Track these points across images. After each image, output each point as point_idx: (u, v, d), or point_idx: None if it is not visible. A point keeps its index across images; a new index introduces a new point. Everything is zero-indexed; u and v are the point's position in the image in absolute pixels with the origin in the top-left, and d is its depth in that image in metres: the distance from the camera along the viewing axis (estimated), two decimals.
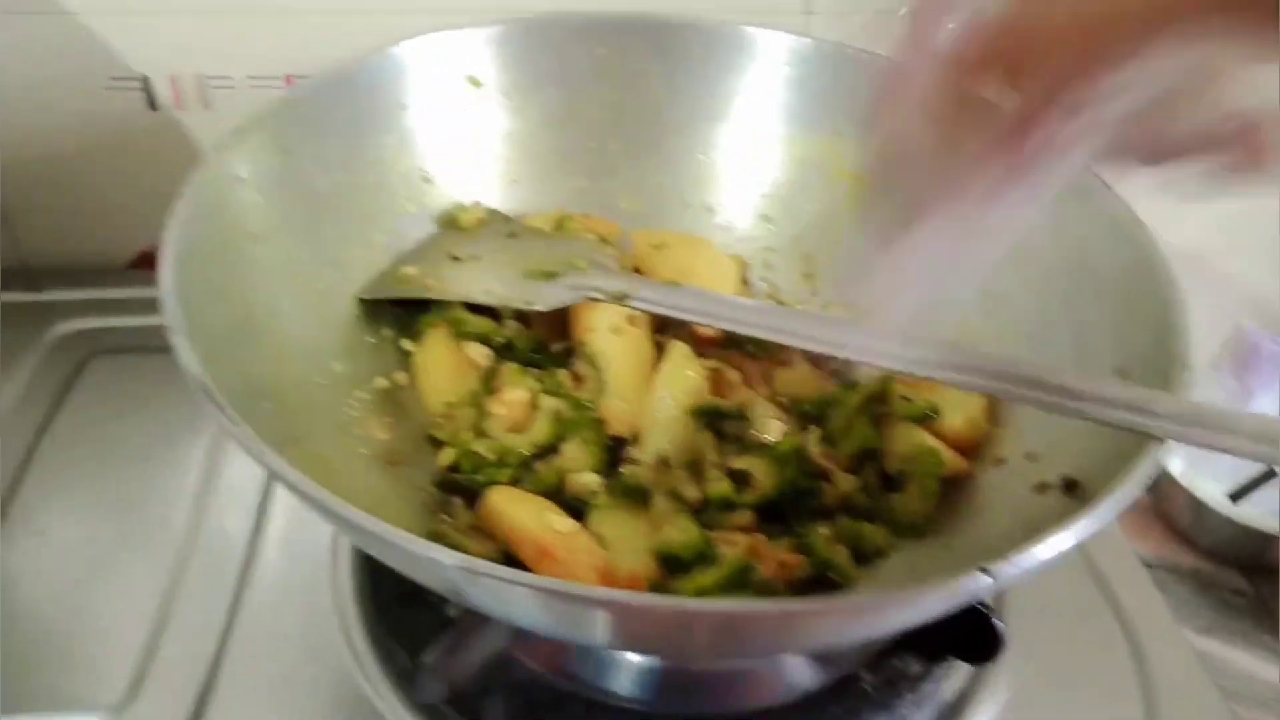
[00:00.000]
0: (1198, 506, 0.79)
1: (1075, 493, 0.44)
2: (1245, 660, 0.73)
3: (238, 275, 0.49)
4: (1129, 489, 0.38)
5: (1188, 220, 0.83)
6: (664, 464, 0.51)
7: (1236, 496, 0.80)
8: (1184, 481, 0.80)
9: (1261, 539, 0.77)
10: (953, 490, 0.52)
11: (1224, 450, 0.39)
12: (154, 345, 0.70)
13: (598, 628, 0.37)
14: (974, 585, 0.34)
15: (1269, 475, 0.78)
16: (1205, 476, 0.78)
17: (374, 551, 0.39)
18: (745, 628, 0.35)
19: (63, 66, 0.70)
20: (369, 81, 0.58)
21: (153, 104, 0.72)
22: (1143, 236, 0.51)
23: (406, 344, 0.58)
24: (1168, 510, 0.82)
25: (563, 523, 0.47)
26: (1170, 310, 0.47)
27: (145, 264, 0.79)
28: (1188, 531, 0.81)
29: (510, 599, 0.36)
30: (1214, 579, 0.79)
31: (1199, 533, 0.80)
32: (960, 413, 0.53)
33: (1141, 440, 0.41)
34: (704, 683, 0.53)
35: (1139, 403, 0.41)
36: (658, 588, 0.46)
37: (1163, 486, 0.82)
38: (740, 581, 0.45)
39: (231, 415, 0.38)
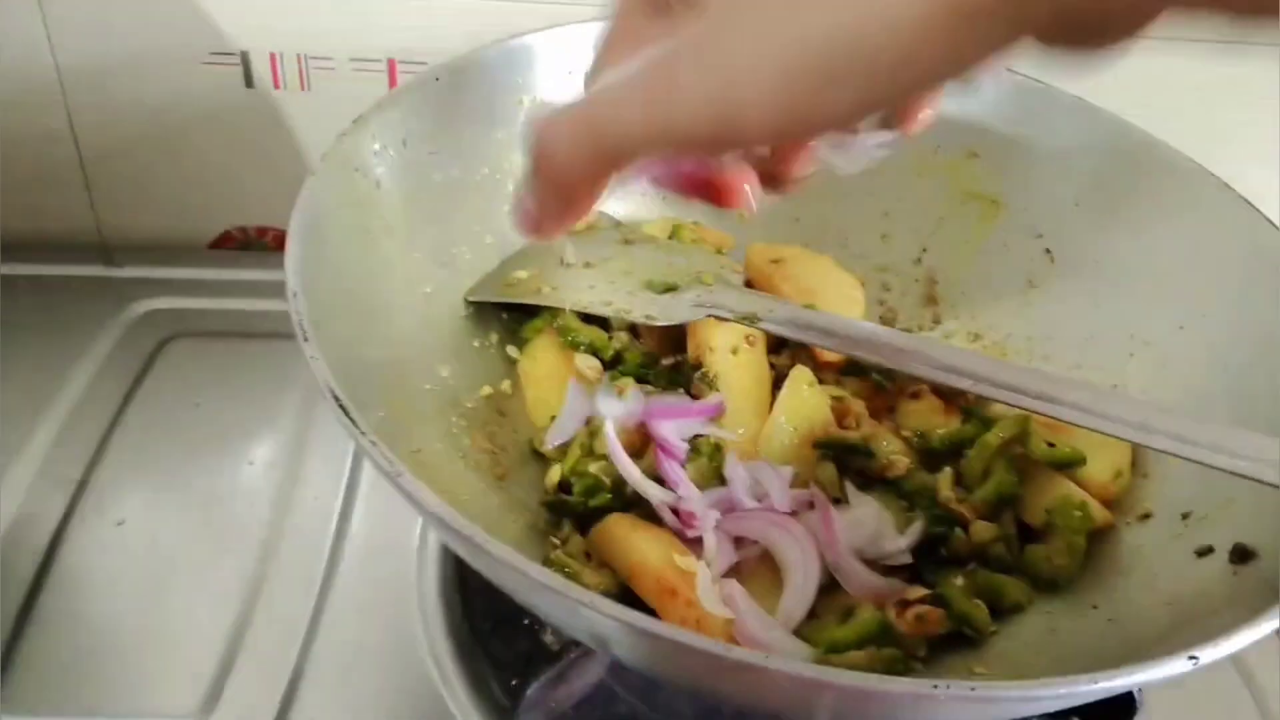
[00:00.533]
0: None
1: (1249, 562, 0.41)
2: None
3: (356, 273, 0.46)
4: None
5: None
6: None
7: None
8: None
9: None
10: (1097, 548, 0.48)
11: None
12: (234, 330, 0.71)
13: (735, 689, 0.34)
14: (1178, 668, 0.31)
15: None
16: None
17: (514, 590, 0.36)
18: (915, 708, 0.32)
19: (161, 39, 0.67)
20: (490, 74, 0.55)
21: (249, 82, 0.69)
22: None
23: (512, 351, 0.55)
24: None
25: (688, 561, 0.43)
26: None
27: (227, 244, 0.76)
28: None
29: (658, 655, 0.33)
30: None
31: None
32: (1106, 462, 0.49)
33: None
34: None
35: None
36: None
37: None
38: (881, 636, 0.42)
39: (369, 435, 0.35)
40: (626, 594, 0.45)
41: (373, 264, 0.48)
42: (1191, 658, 0.31)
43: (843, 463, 0.51)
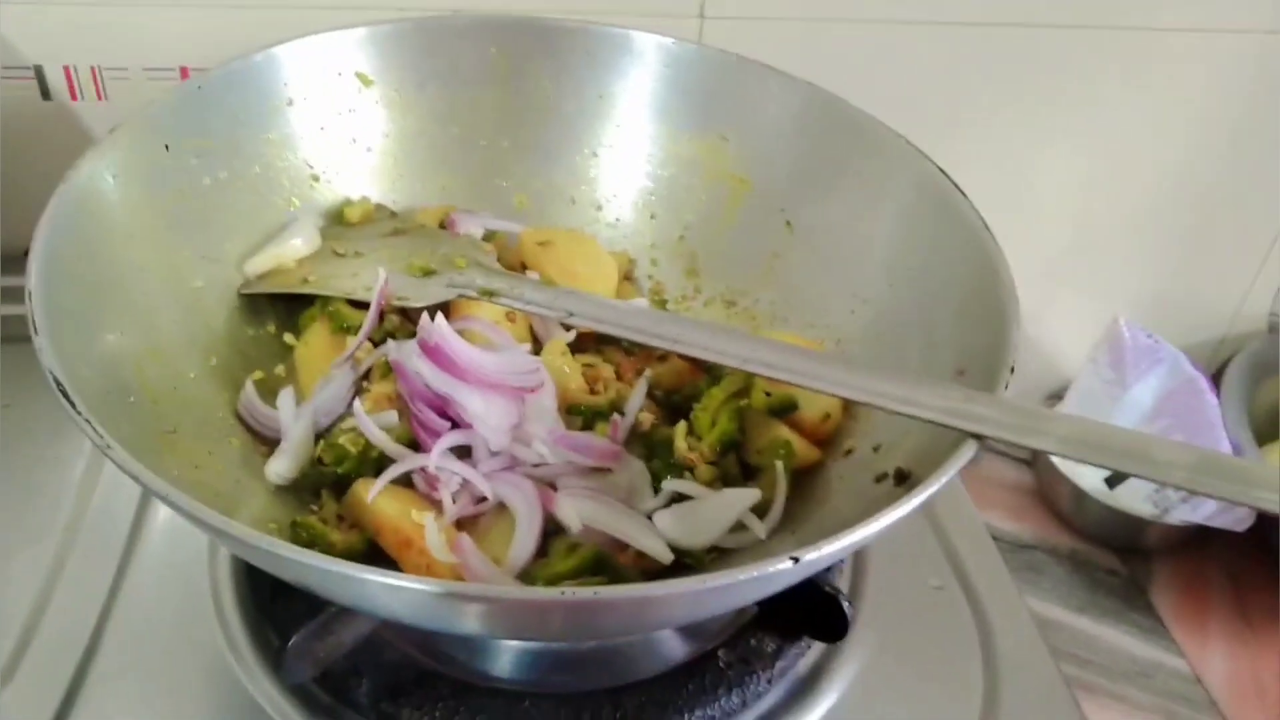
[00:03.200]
0: (1077, 492, 0.83)
1: (905, 483, 0.47)
2: (1115, 636, 0.78)
3: (111, 271, 0.50)
4: (940, 480, 0.41)
5: (1065, 224, 0.88)
6: None
7: (1113, 483, 0.84)
8: (1064, 468, 0.84)
9: (1135, 523, 0.82)
10: (808, 481, 0.55)
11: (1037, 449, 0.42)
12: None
13: (455, 618, 0.39)
14: (782, 571, 0.37)
15: None
16: (1087, 465, 0.83)
17: (232, 549, 0.41)
18: (584, 613, 0.37)
19: None
20: (257, 78, 0.59)
21: (46, 95, 0.72)
22: (989, 246, 0.53)
23: (289, 338, 0.59)
24: (1049, 495, 0.87)
25: (420, 515, 0.48)
26: (1005, 318, 0.49)
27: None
28: (1067, 515, 0.86)
29: (368, 594, 0.38)
30: (1090, 560, 0.84)
31: (1077, 516, 0.85)
32: (817, 406, 0.56)
33: (961, 438, 0.44)
34: (566, 661, 0.55)
35: (960, 406, 0.44)
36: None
37: (1044, 472, 0.87)
38: (596, 568, 0.48)
39: (84, 412, 0.39)
40: (376, 553, 0.50)
41: (131, 265, 0.52)
42: (793, 558, 0.37)
43: (592, 426, 0.56)
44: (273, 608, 0.55)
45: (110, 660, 0.54)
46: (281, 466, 0.52)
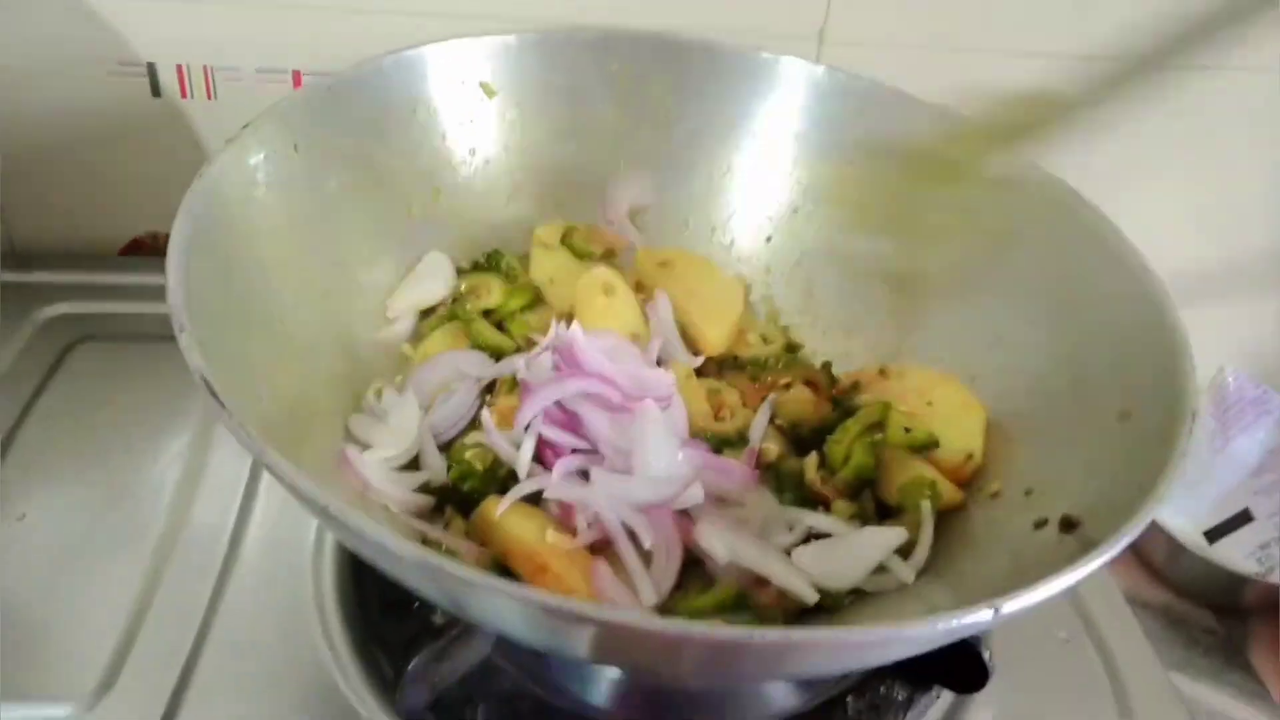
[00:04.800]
0: (1173, 544, 0.80)
1: (1074, 531, 0.45)
2: (1212, 697, 0.74)
3: (243, 270, 0.48)
4: (1134, 529, 0.39)
5: (1173, 265, 0.85)
6: None
7: (1212, 537, 0.81)
8: (1162, 521, 0.81)
9: (1234, 580, 0.78)
10: (949, 523, 0.52)
11: None
12: (142, 333, 0.72)
13: (584, 644, 0.37)
14: (981, 619, 0.35)
15: (1245, 518, 0.80)
16: (1182, 515, 0.80)
17: (375, 560, 0.38)
18: (741, 654, 0.35)
19: (69, 50, 0.69)
20: (385, 83, 0.58)
21: (156, 92, 0.71)
22: (1149, 281, 0.51)
23: (407, 349, 0.58)
24: (1142, 546, 0.84)
25: (559, 538, 0.46)
26: (1175, 357, 0.47)
27: (137, 250, 0.78)
28: (1161, 568, 0.82)
29: (504, 611, 0.36)
30: (1184, 616, 0.80)
31: (1172, 570, 0.82)
32: (960, 445, 0.53)
33: (1143, 482, 0.41)
34: (686, 701, 0.53)
35: None
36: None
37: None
38: (737, 605, 0.45)
39: (234, 413, 0.37)
40: (504, 573, 0.48)
41: (261, 264, 0.50)
42: (993, 607, 0.35)
43: (719, 452, 0.54)
44: (382, 626, 0.53)
45: (211, 674, 0.52)
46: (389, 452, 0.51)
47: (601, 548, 0.48)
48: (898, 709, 0.52)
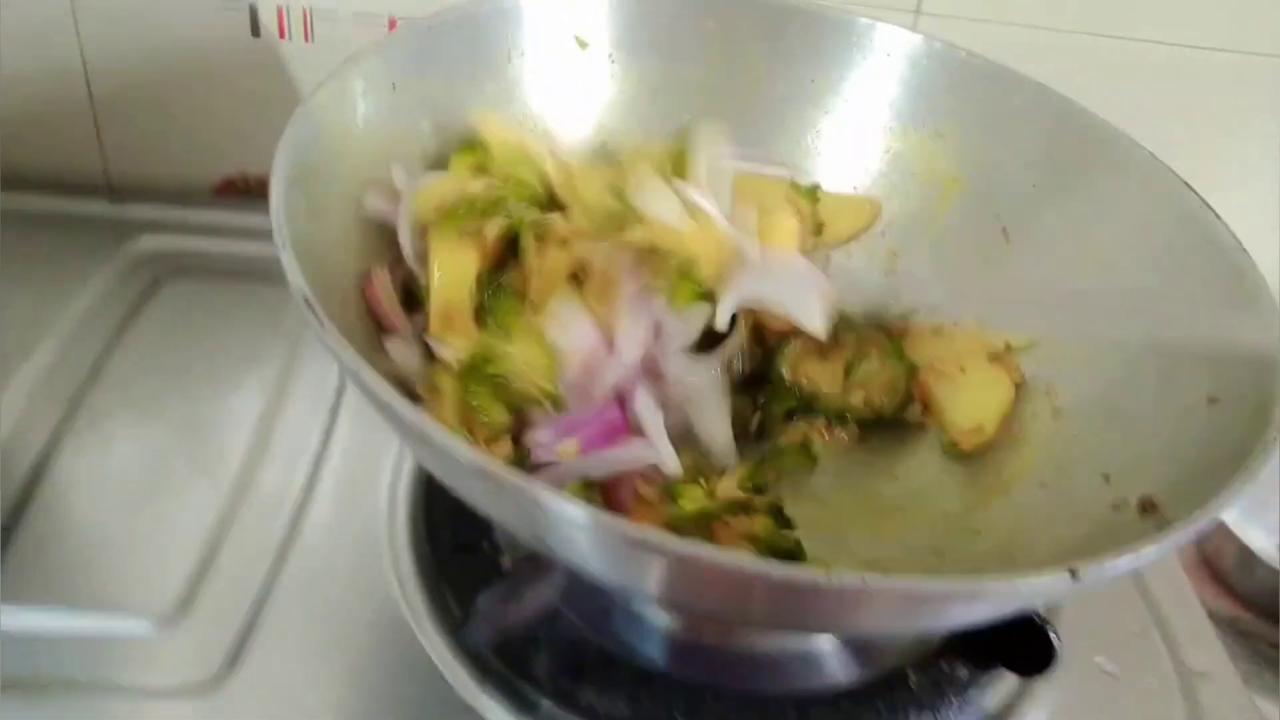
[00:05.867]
0: (1246, 554, 0.78)
1: (1153, 514, 0.44)
2: (1275, 713, 0.72)
3: (339, 203, 0.49)
4: (1215, 511, 0.38)
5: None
6: None
7: None
8: (1235, 528, 0.79)
9: None
10: (1022, 504, 0.51)
11: None
12: (231, 270, 0.74)
13: (652, 577, 0.37)
14: (1059, 582, 0.34)
15: None
16: (1257, 526, 0.78)
17: (455, 480, 0.39)
18: (812, 598, 0.35)
19: None
20: (480, 29, 0.58)
21: (255, 31, 0.72)
22: (1246, 268, 0.50)
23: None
24: (1213, 555, 0.82)
25: None
26: (1269, 341, 0.46)
27: (229, 189, 0.79)
28: (1231, 579, 0.80)
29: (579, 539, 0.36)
30: (1252, 629, 0.78)
31: (1242, 581, 0.79)
32: (972, 415, 0.56)
33: (1227, 468, 0.40)
34: (745, 666, 0.53)
35: None
36: None
37: (1212, 531, 0.81)
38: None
39: (332, 331, 0.38)
40: None
41: (355, 191, 0.51)
42: (1071, 570, 0.34)
43: None
44: (451, 566, 0.54)
45: (283, 603, 0.53)
46: None
47: None
48: (961, 687, 0.52)
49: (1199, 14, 0.71)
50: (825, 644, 0.53)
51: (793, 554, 0.48)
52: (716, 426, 0.53)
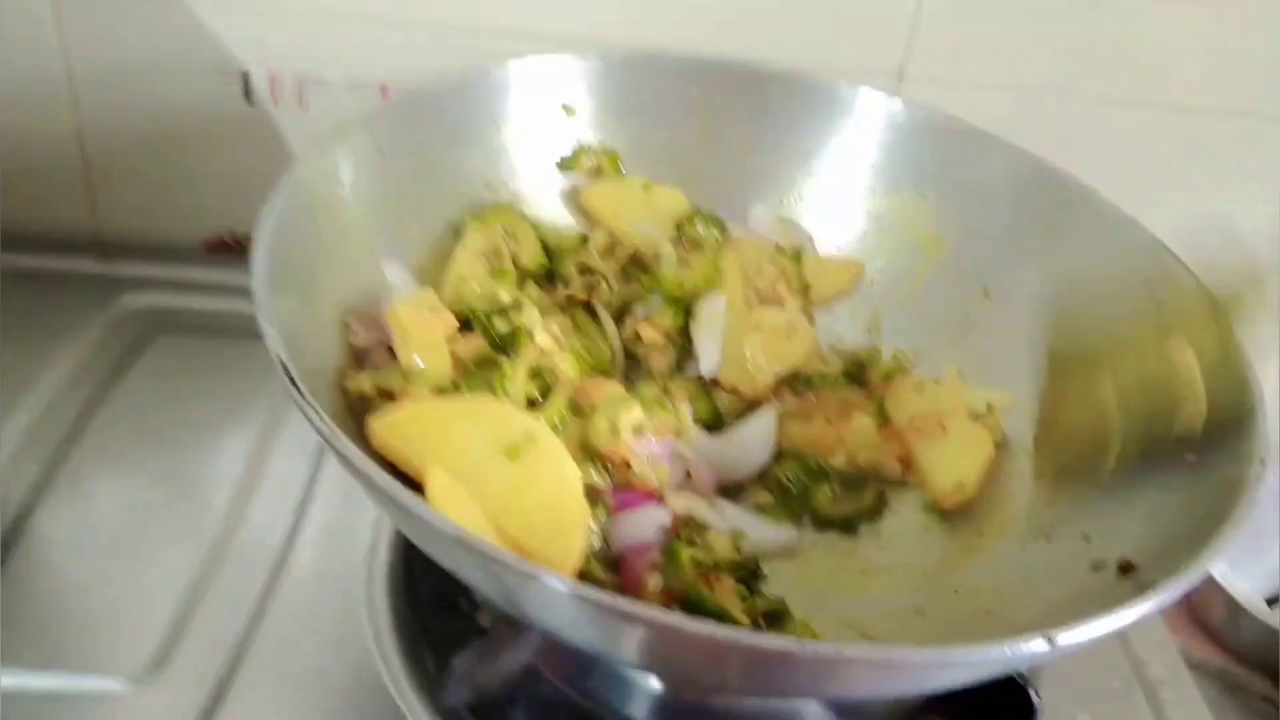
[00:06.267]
0: (1233, 606, 0.78)
1: (1131, 574, 0.44)
2: None
3: (321, 268, 0.50)
4: (1194, 573, 0.38)
5: None
6: None
7: (1274, 601, 0.78)
8: (1223, 581, 0.79)
9: None
10: (1003, 563, 0.51)
11: None
12: (218, 329, 0.74)
13: (627, 644, 0.37)
14: (1036, 650, 0.34)
15: None
16: (1244, 577, 0.77)
17: (432, 548, 0.39)
18: (787, 666, 0.35)
19: (168, 51, 0.72)
20: (468, 97, 0.60)
21: (248, 98, 0.74)
22: (1224, 329, 0.50)
23: None
24: (1200, 608, 0.81)
25: None
26: (1245, 404, 0.46)
27: (219, 249, 0.80)
28: (1219, 631, 0.80)
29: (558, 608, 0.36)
30: (1241, 682, 0.77)
31: (1231, 633, 0.79)
32: (952, 473, 0.56)
33: (1206, 530, 0.40)
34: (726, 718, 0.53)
35: None
36: None
37: (1199, 584, 0.81)
38: None
39: (315, 409, 0.38)
40: None
41: (336, 263, 0.51)
42: (1047, 638, 0.34)
43: None
44: (430, 624, 0.53)
45: (260, 663, 0.53)
46: None
47: None
48: None
49: (1179, 74, 0.73)
50: (807, 704, 0.53)
51: (777, 613, 0.48)
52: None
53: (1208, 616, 0.80)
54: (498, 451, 0.44)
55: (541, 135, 0.63)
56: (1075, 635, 0.35)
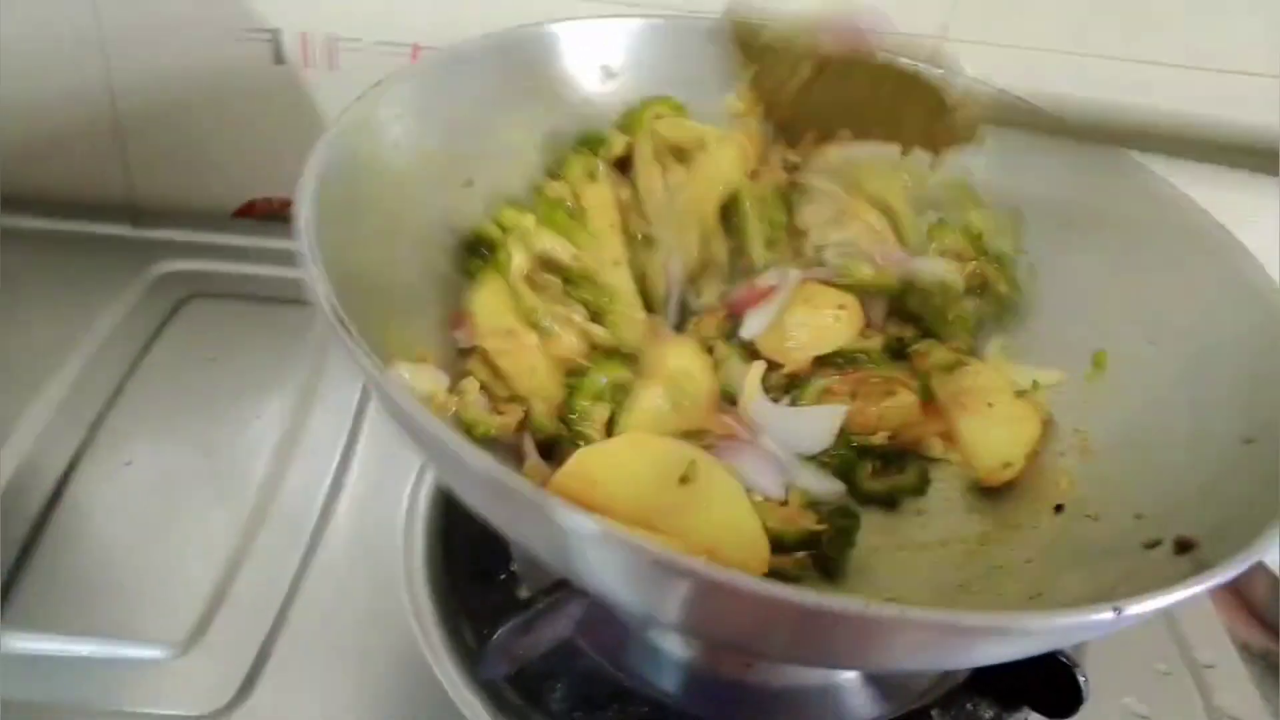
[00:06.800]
0: (1277, 586, 0.76)
1: (1189, 552, 0.43)
2: None
3: (361, 218, 0.49)
4: (1260, 547, 0.38)
5: None
6: None
7: None
8: (1268, 558, 0.77)
9: None
10: (1055, 542, 0.50)
11: None
12: (251, 293, 0.74)
13: (673, 601, 0.36)
14: (1102, 619, 0.33)
15: None
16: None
17: (475, 498, 0.38)
18: (845, 628, 0.34)
19: (199, 10, 0.71)
20: (511, 55, 0.58)
21: (280, 58, 0.73)
22: (1276, 301, 0.49)
23: None
24: (1244, 586, 0.80)
25: None
26: None
27: (250, 213, 0.80)
28: (1264, 612, 0.78)
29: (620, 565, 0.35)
30: None
31: (1274, 612, 0.78)
32: (1000, 451, 0.55)
33: (1266, 507, 0.39)
34: (763, 700, 0.52)
35: None
36: None
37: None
38: None
39: (360, 342, 0.37)
40: None
41: (378, 218, 0.50)
42: (1115, 609, 0.33)
43: None
44: (468, 596, 0.53)
45: (299, 633, 0.53)
46: None
47: None
48: None
49: (1229, 37, 0.71)
50: (847, 680, 0.52)
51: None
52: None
53: (1250, 595, 0.79)
54: (673, 482, 0.46)
55: (578, 100, 0.62)
56: (1143, 606, 0.34)
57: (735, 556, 0.45)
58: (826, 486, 0.55)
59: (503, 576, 0.54)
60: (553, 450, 0.53)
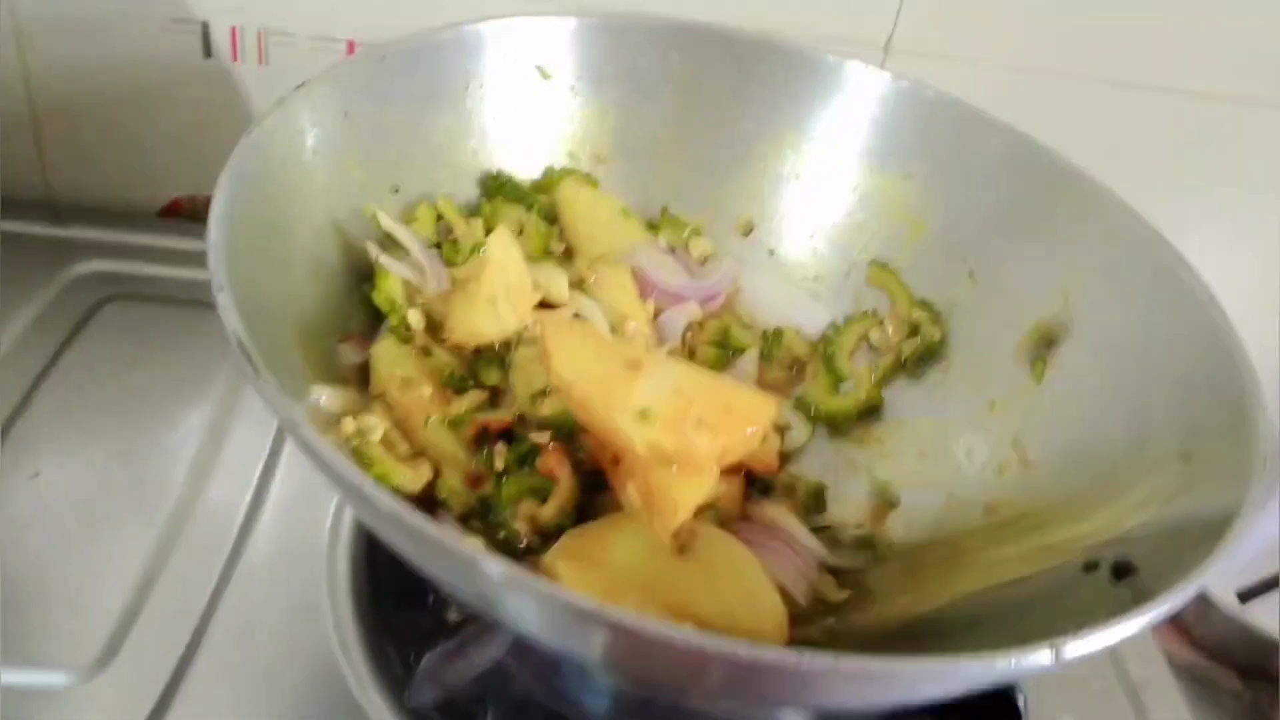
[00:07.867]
0: (1204, 602, 0.77)
1: (1127, 579, 0.42)
2: None
3: (280, 234, 0.47)
4: (1195, 579, 0.36)
5: (1265, 320, 0.81)
6: None
7: (1245, 597, 0.78)
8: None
9: (1264, 644, 0.75)
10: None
11: None
12: (172, 296, 0.71)
13: (599, 650, 0.35)
14: (1040, 661, 0.32)
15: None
16: (1215, 572, 0.76)
17: (396, 542, 0.37)
18: (776, 678, 0.33)
19: (122, 3, 0.68)
20: (438, 56, 0.56)
21: (208, 52, 0.70)
22: (1217, 319, 0.49)
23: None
24: None
25: None
26: (1243, 400, 0.44)
27: (174, 212, 0.77)
28: (1189, 626, 0.79)
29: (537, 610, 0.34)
30: (1210, 678, 0.77)
31: (1202, 629, 0.78)
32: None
33: (1204, 527, 0.39)
34: None
35: None
36: None
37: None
38: None
39: (267, 378, 0.35)
40: None
41: (300, 228, 0.48)
42: (1052, 647, 0.32)
43: None
44: (395, 618, 0.51)
45: (215, 656, 0.51)
46: None
47: None
48: None
49: (1178, 56, 0.71)
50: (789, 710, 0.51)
51: None
52: None
53: (1182, 613, 0.79)
54: (669, 554, 0.44)
55: (515, 98, 0.60)
56: (1083, 645, 0.33)
57: (754, 626, 0.43)
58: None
59: (431, 599, 0.52)
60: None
